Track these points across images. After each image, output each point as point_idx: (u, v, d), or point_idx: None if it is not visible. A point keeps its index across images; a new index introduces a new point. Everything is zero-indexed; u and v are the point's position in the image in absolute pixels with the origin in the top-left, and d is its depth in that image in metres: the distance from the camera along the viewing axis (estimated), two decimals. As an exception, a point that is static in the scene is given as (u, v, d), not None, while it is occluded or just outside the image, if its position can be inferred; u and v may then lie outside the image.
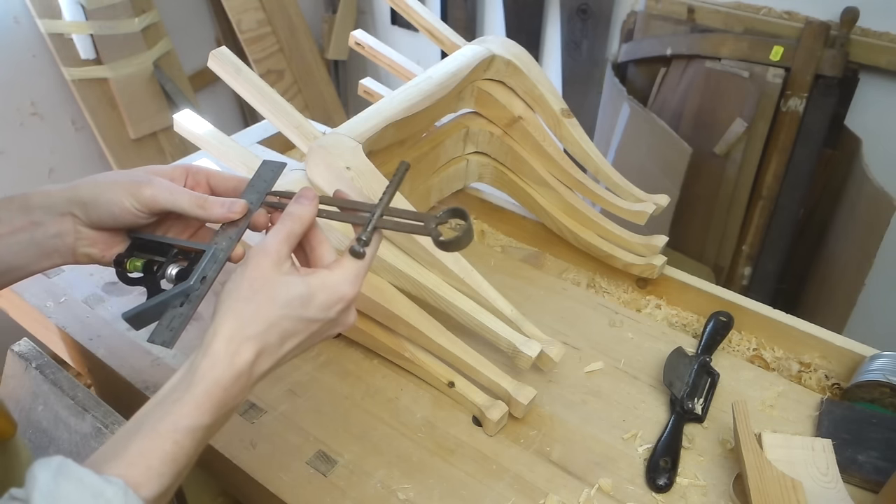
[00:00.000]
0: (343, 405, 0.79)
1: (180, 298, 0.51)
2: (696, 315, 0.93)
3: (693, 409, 0.78)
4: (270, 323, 0.47)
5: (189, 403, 0.44)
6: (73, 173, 1.87)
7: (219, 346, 0.46)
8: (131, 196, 0.52)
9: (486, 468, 0.72)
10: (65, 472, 0.39)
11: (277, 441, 0.74)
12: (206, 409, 0.44)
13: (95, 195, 0.53)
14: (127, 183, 0.53)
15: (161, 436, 0.43)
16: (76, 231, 0.54)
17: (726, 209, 1.71)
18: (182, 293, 0.51)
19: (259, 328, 0.47)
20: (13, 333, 0.90)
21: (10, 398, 0.83)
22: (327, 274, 0.50)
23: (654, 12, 1.74)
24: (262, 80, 0.80)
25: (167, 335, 0.49)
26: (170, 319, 0.50)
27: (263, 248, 0.49)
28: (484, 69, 0.94)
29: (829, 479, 0.68)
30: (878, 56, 1.49)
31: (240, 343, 0.46)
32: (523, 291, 0.96)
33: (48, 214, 0.53)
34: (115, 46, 1.75)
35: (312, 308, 0.49)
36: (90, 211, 0.53)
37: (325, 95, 2.37)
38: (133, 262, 0.54)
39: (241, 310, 0.47)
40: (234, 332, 0.46)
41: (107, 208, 0.53)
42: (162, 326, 0.49)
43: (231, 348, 0.46)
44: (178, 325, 0.49)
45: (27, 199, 0.54)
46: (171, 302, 0.51)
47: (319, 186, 0.76)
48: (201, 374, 0.45)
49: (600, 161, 0.96)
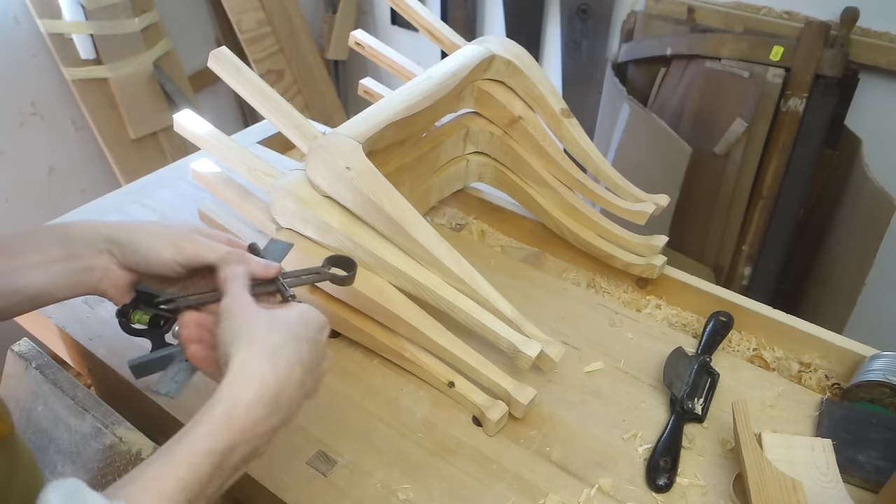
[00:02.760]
0: (343, 405, 0.79)
1: (184, 354, 0.54)
2: (696, 315, 0.93)
3: (693, 409, 0.78)
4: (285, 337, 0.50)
5: (206, 425, 0.44)
6: (73, 173, 1.88)
7: (235, 367, 0.47)
8: (174, 247, 0.55)
9: (486, 468, 0.72)
10: (77, 498, 0.39)
11: (277, 441, 0.73)
12: (223, 432, 0.44)
13: (135, 240, 0.56)
14: (172, 235, 0.56)
15: (176, 461, 0.42)
16: (107, 268, 0.56)
17: (726, 209, 1.71)
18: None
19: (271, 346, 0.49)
20: (13, 333, 0.90)
21: (10, 398, 0.83)
22: (295, 303, 0.55)
23: (654, 12, 1.74)
24: (262, 80, 0.80)
25: (173, 386, 0.53)
26: (175, 372, 0.54)
27: (238, 293, 0.53)
28: (484, 69, 0.94)
29: (829, 479, 0.68)
30: (878, 56, 1.49)
31: (261, 358, 0.48)
32: (523, 291, 0.96)
33: (87, 248, 0.56)
34: (115, 46, 1.75)
35: (312, 328, 0.52)
36: (126, 253, 0.56)
37: (325, 95, 2.37)
38: (139, 316, 0.58)
39: (250, 334, 0.49)
40: (244, 358, 0.48)
41: (144, 255, 0.55)
42: (167, 378, 0.53)
43: (250, 367, 0.47)
44: (183, 378, 0.54)
45: (67, 230, 0.56)
46: (176, 356, 0.55)
47: (320, 186, 0.76)
48: (220, 395, 0.46)
49: (600, 161, 0.96)
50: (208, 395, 0.46)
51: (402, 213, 0.73)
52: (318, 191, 0.77)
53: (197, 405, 0.76)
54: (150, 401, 0.78)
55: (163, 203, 1.09)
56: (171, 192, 1.12)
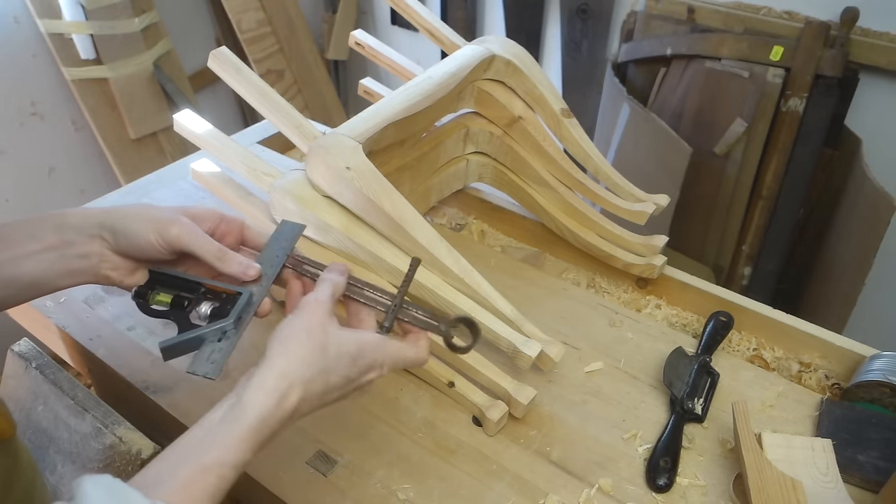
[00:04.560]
0: (343, 405, 0.79)
1: (217, 335, 0.54)
2: (696, 315, 0.93)
3: (693, 409, 0.78)
4: (320, 370, 0.50)
5: (236, 438, 0.46)
6: (73, 173, 1.88)
7: (271, 384, 0.48)
8: (157, 232, 0.55)
9: (486, 468, 0.72)
10: (116, 493, 0.40)
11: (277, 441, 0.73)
12: (251, 445, 0.46)
13: (125, 225, 0.56)
14: (155, 219, 0.56)
15: (207, 469, 0.44)
16: (102, 254, 0.56)
17: (726, 209, 1.71)
18: (219, 330, 0.54)
19: (310, 373, 0.49)
20: (13, 333, 0.90)
21: (10, 398, 0.83)
22: (379, 339, 0.54)
23: (654, 12, 1.74)
24: (262, 80, 0.80)
25: (209, 367, 0.52)
26: (209, 352, 0.53)
27: (318, 300, 0.53)
28: (484, 69, 0.94)
29: (829, 479, 0.68)
30: (878, 56, 1.49)
31: (290, 384, 0.48)
32: (523, 291, 0.96)
33: (80, 234, 0.55)
34: (115, 46, 1.75)
35: (356, 368, 0.52)
36: (119, 238, 0.56)
37: (325, 95, 2.37)
38: (159, 297, 0.57)
39: (295, 351, 0.49)
40: (285, 371, 0.48)
41: (134, 239, 0.55)
42: (202, 359, 0.52)
43: (282, 386, 0.48)
44: (219, 358, 0.52)
45: (62, 218, 0.56)
46: (208, 337, 0.54)
47: (320, 186, 0.76)
48: (251, 409, 0.47)
49: (600, 161, 0.96)
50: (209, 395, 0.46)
51: (402, 213, 0.73)
52: (318, 191, 0.77)
53: (196, 405, 0.77)
54: (150, 401, 0.78)
55: (163, 203, 1.09)
56: (171, 192, 1.12)
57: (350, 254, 0.77)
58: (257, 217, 0.83)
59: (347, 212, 0.76)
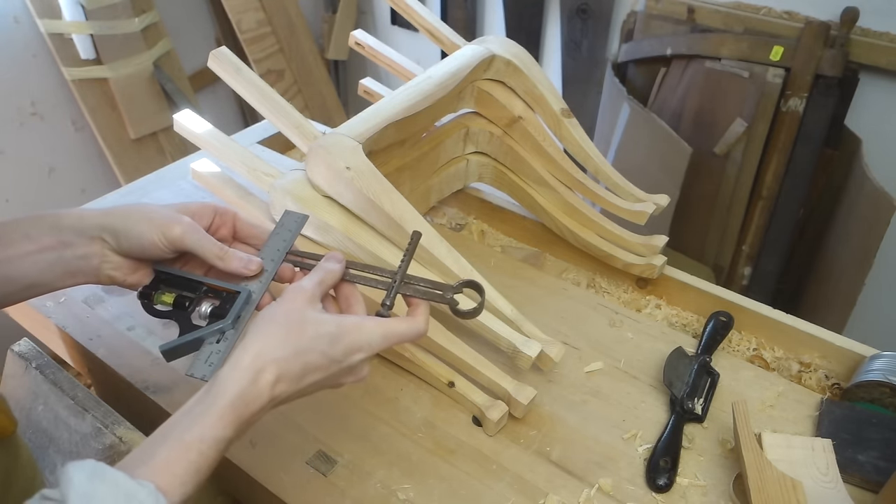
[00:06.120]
0: (343, 405, 0.79)
1: (216, 336, 0.54)
2: (696, 315, 0.93)
3: (693, 409, 0.78)
4: (296, 351, 0.50)
5: (214, 415, 0.46)
6: (73, 173, 1.88)
7: (245, 363, 0.48)
8: (160, 233, 0.55)
9: (486, 468, 0.72)
10: (99, 474, 0.40)
11: (277, 441, 0.74)
12: (230, 421, 0.46)
13: (127, 226, 0.56)
14: (157, 220, 0.56)
15: (187, 446, 0.45)
16: (103, 255, 0.56)
17: (726, 209, 1.71)
18: (218, 331, 0.54)
19: (284, 353, 0.49)
20: (13, 333, 0.90)
21: (10, 398, 0.83)
22: (359, 320, 0.54)
23: (654, 12, 1.74)
24: (262, 80, 0.80)
25: (206, 370, 0.52)
26: (208, 355, 0.53)
27: (299, 286, 0.53)
28: (484, 69, 0.94)
29: (829, 479, 0.68)
30: (878, 56, 1.49)
31: (265, 363, 0.48)
32: (523, 291, 0.96)
33: (79, 236, 0.55)
34: (115, 46, 1.75)
35: (338, 348, 0.52)
36: (120, 239, 0.56)
37: (325, 95, 2.37)
38: (162, 297, 0.57)
39: (271, 334, 0.50)
40: (260, 352, 0.49)
41: (136, 240, 0.55)
42: (200, 361, 0.53)
43: (256, 365, 0.48)
44: (217, 360, 0.52)
45: (58, 219, 0.56)
46: (207, 338, 0.54)
47: (319, 186, 0.76)
48: (226, 388, 0.47)
49: (600, 161, 0.96)
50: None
51: (402, 213, 0.73)
52: (318, 191, 0.77)
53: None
54: (150, 401, 0.78)
55: (163, 203, 1.09)
56: (171, 192, 1.12)
57: (350, 254, 0.77)
58: (257, 217, 0.83)
59: (347, 212, 0.76)
